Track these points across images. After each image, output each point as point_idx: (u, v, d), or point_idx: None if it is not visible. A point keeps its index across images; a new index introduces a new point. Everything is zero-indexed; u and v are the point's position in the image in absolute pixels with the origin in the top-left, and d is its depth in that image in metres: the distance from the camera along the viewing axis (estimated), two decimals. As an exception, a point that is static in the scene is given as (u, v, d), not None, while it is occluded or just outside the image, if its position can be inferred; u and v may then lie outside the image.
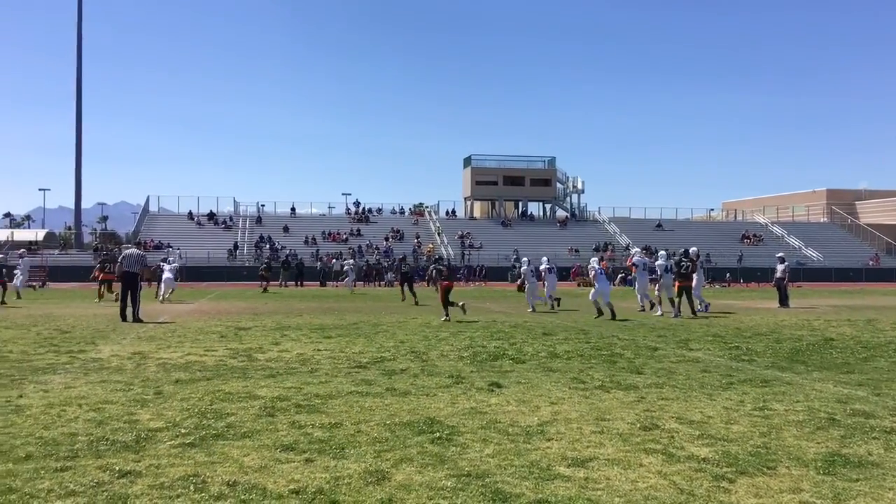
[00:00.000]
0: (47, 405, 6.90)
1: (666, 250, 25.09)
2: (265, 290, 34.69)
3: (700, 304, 20.46)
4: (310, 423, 6.21)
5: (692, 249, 21.53)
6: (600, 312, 18.29)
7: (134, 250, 18.14)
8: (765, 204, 78.80)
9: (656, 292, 20.05)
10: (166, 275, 26.85)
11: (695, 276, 20.73)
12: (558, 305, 22.11)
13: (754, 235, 64.76)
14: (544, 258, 24.03)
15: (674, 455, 5.31)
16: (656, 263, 20.34)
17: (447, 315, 17.45)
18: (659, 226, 65.91)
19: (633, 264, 22.29)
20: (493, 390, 7.83)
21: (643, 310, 21.10)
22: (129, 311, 16.61)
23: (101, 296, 25.85)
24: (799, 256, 60.34)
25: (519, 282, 26.18)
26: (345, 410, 6.76)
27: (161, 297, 25.31)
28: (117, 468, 4.88)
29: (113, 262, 25.35)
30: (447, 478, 4.73)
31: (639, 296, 21.88)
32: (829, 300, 28.43)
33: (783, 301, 23.53)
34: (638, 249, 22.61)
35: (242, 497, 4.35)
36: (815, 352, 11.40)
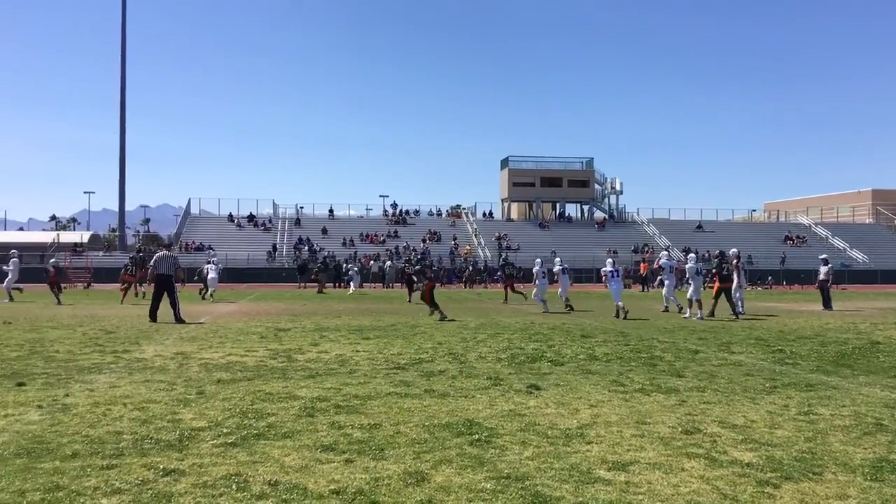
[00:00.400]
0: (93, 404, 7.04)
1: (696, 252, 24.92)
2: (320, 291, 35.35)
3: (740, 307, 20.20)
4: (349, 424, 6.24)
5: (732, 251, 21.29)
6: (617, 313, 18.96)
7: (166, 253, 18.41)
8: (808, 205, 77.43)
9: (688, 295, 19.83)
10: (211, 275, 28.45)
11: (735, 277, 20.48)
12: (572, 309, 21.99)
13: (797, 237, 63.64)
14: (557, 259, 24.58)
15: (716, 460, 5.23)
16: (686, 266, 20.15)
17: (442, 314, 17.96)
18: (699, 227, 65.11)
19: (661, 266, 22.24)
20: (531, 392, 7.80)
21: (666, 310, 21.19)
22: (159, 311, 16.93)
23: (124, 296, 26.48)
24: (844, 258, 59.16)
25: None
26: (384, 411, 6.79)
27: (207, 296, 27.33)
28: (161, 467, 4.96)
29: (136, 264, 26.18)
30: (486, 480, 4.72)
31: (665, 297, 21.90)
32: (874, 303, 27.81)
33: (826, 303, 23.10)
34: (665, 252, 22.50)
35: (284, 497, 4.39)
36: (862, 355, 11.16)
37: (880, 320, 18.31)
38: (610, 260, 21.73)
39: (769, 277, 48.52)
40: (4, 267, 28.28)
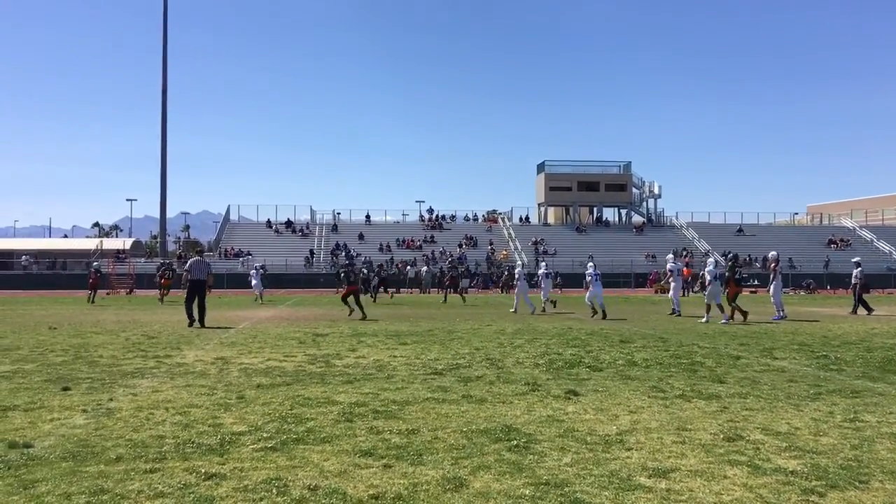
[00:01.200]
0: (136, 408, 7.15)
1: (732, 255, 24.88)
2: (391, 295, 36.98)
3: (779, 311, 19.89)
4: (387, 429, 6.26)
5: (771, 254, 21.05)
6: (595, 312, 20.46)
7: (200, 259, 18.95)
8: (853, 207, 75.88)
9: (705, 299, 19.75)
10: (254, 281, 31.91)
11: (773, 281, 20.28)
12: (554, 307, 24.22)
13: (841, 240, 62.38)
14: (543, 264, 26.92)
15: (760, 467, 5.14)
16: (705, 270, 20.02)
17: (363, 314, 20.06)
18: (740, 231, 64.18)
19: (669, 270, 22.27)
20: (570, 398, 7.75)
21: (673, 313, 21.51)
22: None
23: (162, 298, 29.47)
24: (890, 262, 57.85)
25: (460, 288, 34.55)
26: (421, 417, 6.80)
27: (258, 299, 30.06)
28: (203, 470, 5.02)
29: (171, 269, 27.95)
30: (525, 486, 4.70)
31: (673, 300, 22.38)
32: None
33: (864, 307, 22.43)
34: (671, 255, 22.55)
35: (323, 501, 4.41)
36: (909, 361, 10.89)
37: (928, 325, 17.86)
38: (591, 264, 22.96)
39: (810, 281, 47.56)
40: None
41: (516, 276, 24.10)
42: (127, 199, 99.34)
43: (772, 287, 20.62)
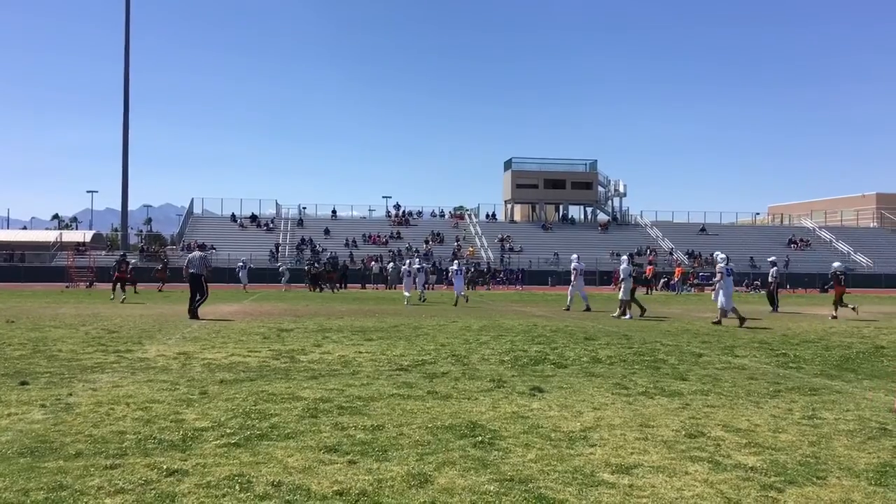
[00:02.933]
0: (96, 403, 7.04)
1: (629, 255, 26.21)
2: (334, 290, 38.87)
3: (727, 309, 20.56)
4: (352, 425, 6.24)
5: (717, 254, 21.67)
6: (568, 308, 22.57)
7: (198, 253, 19.67)
8: (812, 208, 77.32)
9: (620, 296, 20.72)
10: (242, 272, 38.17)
11: (720, 283, 20.73)
12: (466, 301, 27.01)
13: (801, 240, 63.57)
14: (455, 262, 29.51)
15: (720, 463, 5.22)
16: (620, 268, 21.25)
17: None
18: (703, 230, 65.06)
19: (574, 269, 23.05)
20: (534, 395, 7.79)
21: (588, 310, 22.25)
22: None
23: (114, 292, 27.55)
24: (848, 262, 59.06)
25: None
26: (387, 413, 6.78)
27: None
28: (165, 467, 4.96)
29: (125, 263, 27.08)
30: (490, 482, 4.72)
31: (581, 295, 23.13)
32: (879, 307, 27.78)
33: (773, 305, 23.76)
34: (625, 257, 23.19)
35: (287, 497, 4.38)
36: (866, 360, 11.14)
37: (884, 325, 18.29)
38: (575, 256, 24.34)
39: (756, 282, 47.22)
40: None
41: (572, 271, 23.50)
42: (88, 191, 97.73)
43: (720, 291, 21.31)
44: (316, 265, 41.29)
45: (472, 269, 48.98)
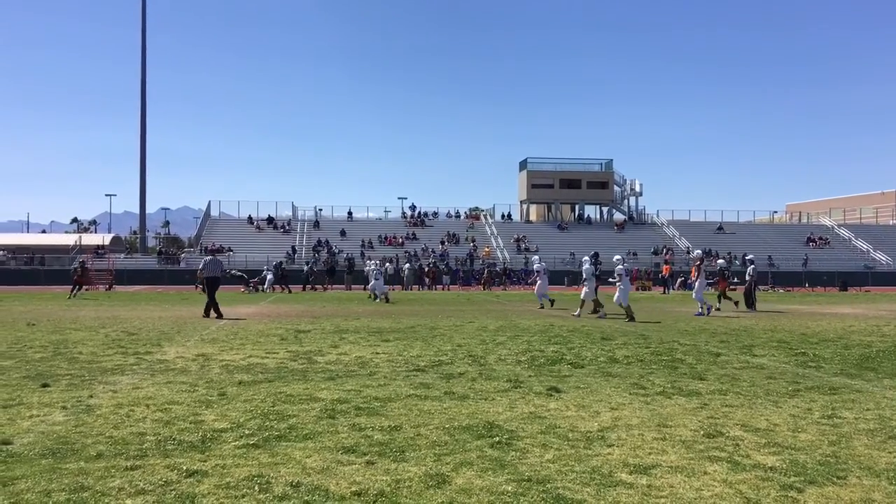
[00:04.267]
0: (116, 405, 7.11)
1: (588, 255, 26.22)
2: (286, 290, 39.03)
3: (702, 308, 21.04)
4: (370, 426, 6.26)
5: (696, 252, 21.78)
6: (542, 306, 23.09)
7: (212, 258, 21.40)
8: (831, 206, 76.65)
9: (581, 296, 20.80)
10: (269, 276, 38.79)
11: (696, 279, 21.82)
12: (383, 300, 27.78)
13: (820, 238, 63.03)
14: (373, 262, 32.27)
15: (739, 463, 5.20)
16: (583, 269, 21.58)
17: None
18: (720, 229, 64.65)
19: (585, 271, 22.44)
20: (551, 395, 7.78)
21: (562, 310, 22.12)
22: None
23: (73, 295, 30.25)
24: (867, 260, 58.51)
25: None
26: (404, 413, 6.80)
27: (373, 296, 30.33)
28: (184, 468, 5.00)
29: (84, 269, 32.07)
30: (507, 482, 4.72)
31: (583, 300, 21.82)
32: (899, 305, 27.49)
33: (750, 304, 23.55)
34: (587, 258, 23.17)
35: (306, 498, 4.41)
36: (886, 358, 11.04)
37: (905, 323, 18.09)
38: (537, 257, 25.52)
39: (769, 280, 46.60)
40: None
41: (584, 273, 22.01)
42: (106, 195, 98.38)
43: (696, 284, 21.92)
44: (281, 269, 42.05)
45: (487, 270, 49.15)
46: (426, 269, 48.65)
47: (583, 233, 63.06)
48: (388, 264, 47.95)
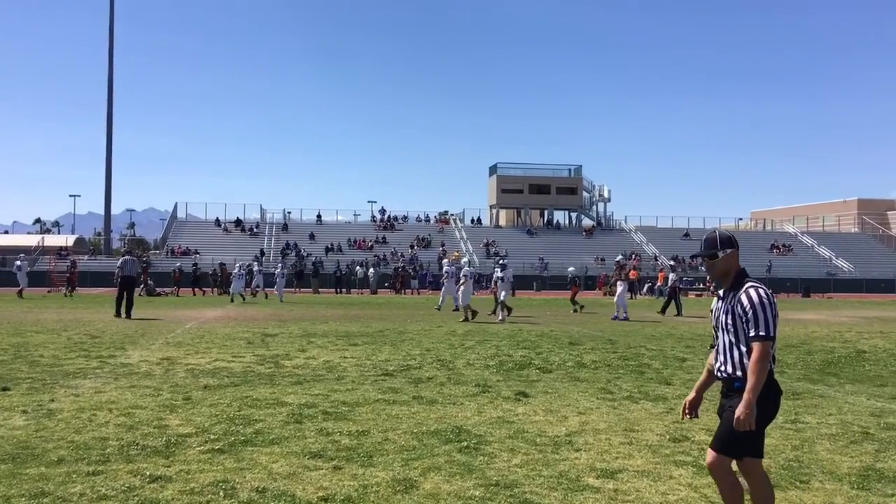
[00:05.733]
0: (78, 409, 6.98)
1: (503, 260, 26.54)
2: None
3: (618, 312, 21.59)
4: (337, 431, 6.22)
5: (619, 258, 22.00)
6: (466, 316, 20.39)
7: (130, 258, 21.36)
8: (794, 213, 77.85)
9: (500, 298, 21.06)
10: (248, 278, 35.94)
11: (619, 284, 22.31)
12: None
13: (784, 245, 63.99)
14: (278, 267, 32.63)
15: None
16: (496, 275, 22.06)
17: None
18: (686, 235, 65.35)
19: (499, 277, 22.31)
20: (520, 400, 7.80)
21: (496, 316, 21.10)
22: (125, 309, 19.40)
23: (69, 293, 32.36)
24: (829, 267, 59.55)
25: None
26: (372, 418, 6.77)
27: (232, 297, 30.91)
28: (148, 473, 4.92)
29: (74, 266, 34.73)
30: (475, 487, 4.72)
31: (499, 303, 21.74)
32: (860, 311, 27.99)
33: (678, 309, 24.42)
34: (504, 262, 23.44)
35: (272, 503, 4.37)
36: (848, 364, 11.23)
37: (866, 329, 18.44)
38: (466, 260, 25.77)
39: (659, 286, 44.95)
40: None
41: (461, 275, 22.03)
42: (70, 195, 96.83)
43: (618, 290, 22.52)
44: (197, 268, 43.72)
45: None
46: (396, 273, 48.55)
47: (552, 238, 63.37)
48: (359, 268, 47.88)
